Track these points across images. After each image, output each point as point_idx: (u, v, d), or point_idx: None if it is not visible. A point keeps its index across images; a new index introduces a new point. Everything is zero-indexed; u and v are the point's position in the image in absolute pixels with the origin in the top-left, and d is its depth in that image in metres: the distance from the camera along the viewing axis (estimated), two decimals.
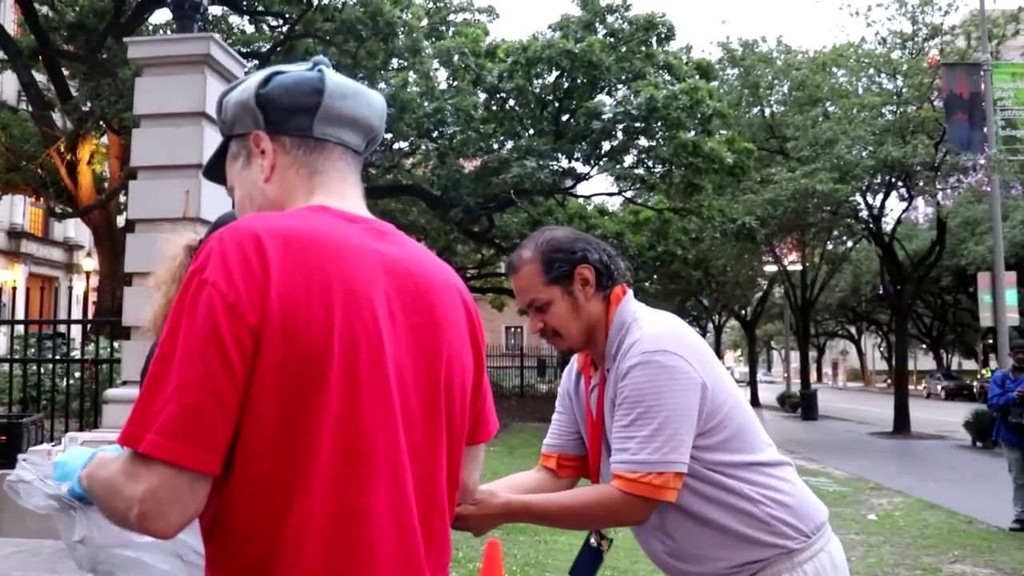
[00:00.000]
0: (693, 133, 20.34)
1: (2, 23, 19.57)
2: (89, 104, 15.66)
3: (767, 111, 26.45)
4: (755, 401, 42.08)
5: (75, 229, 34.86)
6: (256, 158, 1.43)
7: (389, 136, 20.80)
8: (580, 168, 22.39)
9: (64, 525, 1.58)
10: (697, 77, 21.75)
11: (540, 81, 21.53)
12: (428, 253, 1.47)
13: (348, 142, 1.45)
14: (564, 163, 21.99)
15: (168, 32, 18.09)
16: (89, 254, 30.43)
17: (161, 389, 1.16)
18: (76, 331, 15.18)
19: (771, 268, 33.11)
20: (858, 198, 24.38)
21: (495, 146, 22.33)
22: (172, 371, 1.16)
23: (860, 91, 24.25)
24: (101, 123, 16.79)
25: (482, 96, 21.89)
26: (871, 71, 24.22)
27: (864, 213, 25.25)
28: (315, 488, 1.21)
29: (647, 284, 27.40)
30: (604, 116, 20.85)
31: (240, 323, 1.18)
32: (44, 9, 17.44)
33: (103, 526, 1.53)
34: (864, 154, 21.58)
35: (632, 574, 6.86)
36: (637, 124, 20.48)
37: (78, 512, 1.54)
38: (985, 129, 18.97)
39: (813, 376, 47.04)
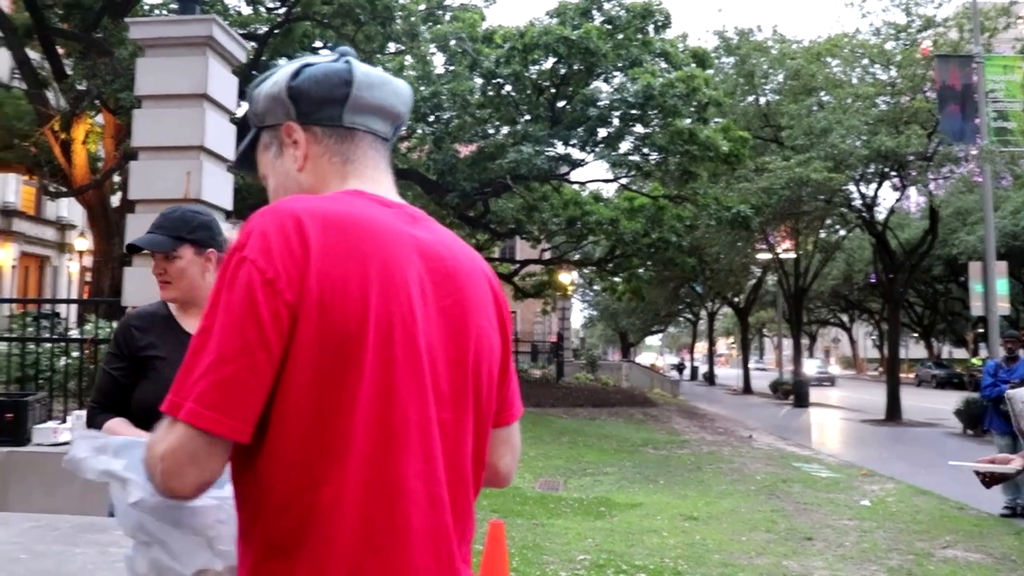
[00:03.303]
0: (689, 121, 20.38)
1: None
2: (85, 83, 15.59)
3: (762, 100, 26.46)
4: (747, 388, 42.26)
5: (68, 208, 34.66)
6: (288, 148, 1.48)
7: None
8: (576, 154, 22.41)
9: (117, 492, 1.64)
10: (693, 65, 21.78)
11: (537, 67, 21.52)
12: (457, 239, 1.51)
13: (377, 130, 1.50)
14: (560, 149, 22.00)
15: (165, 13, 18.01)
16: (82, 234, 30.30)
17: (199, 360, 1.23)
18: (67, 311, 15.16)
19: (764, 256, 33.17)
20: (851, 187, 24.42)
21: (491, 131, 22.32)
22: (211, 343, 1.23)
23: (854, 81, 24.26)
24: (96, 102, 16.71)
25: (478, 81, 21.82)
26: (865, 61, 24.23)
27: (857, 202, 25.30)
28: (350, 460, 1.25)
29: (641, 270, 27.46)
30: (600, 103, 20.88)
31: (277, 299, 1.24)
32: None
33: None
34: (858, 144, 21.63)
35: (629, 557, 6.94)
36: (633, 111, 20.52)
37: (131, 481, 1.60)
38: (977, 120, 19.02)
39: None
